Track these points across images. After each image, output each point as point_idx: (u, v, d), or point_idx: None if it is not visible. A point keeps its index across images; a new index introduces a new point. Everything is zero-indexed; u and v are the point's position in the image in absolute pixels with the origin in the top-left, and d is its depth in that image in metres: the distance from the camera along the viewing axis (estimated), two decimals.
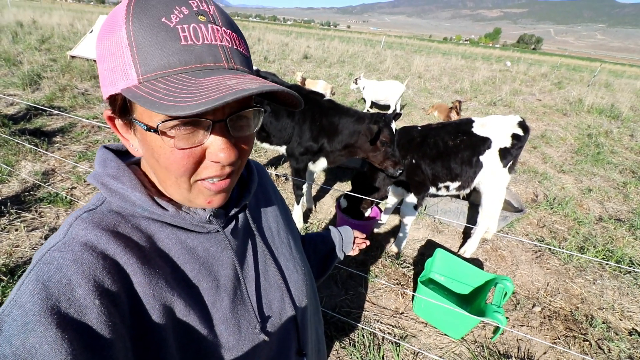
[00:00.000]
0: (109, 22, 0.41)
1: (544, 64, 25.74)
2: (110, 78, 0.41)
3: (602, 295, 2.68)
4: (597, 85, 15.09)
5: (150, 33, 0.38)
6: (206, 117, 0.41)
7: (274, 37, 21.25)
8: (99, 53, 0.43)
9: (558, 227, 3.61)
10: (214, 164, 0.45)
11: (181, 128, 0.41)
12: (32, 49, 9.03)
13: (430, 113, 7.41)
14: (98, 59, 0.43)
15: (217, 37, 0.41)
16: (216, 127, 0.43)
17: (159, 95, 0.36)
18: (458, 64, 18.20)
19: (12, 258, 2.33)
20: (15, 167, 3.40)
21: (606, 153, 6.04)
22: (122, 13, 0.39)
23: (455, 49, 43.41)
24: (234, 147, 0.45)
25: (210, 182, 0.47)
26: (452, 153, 2.62)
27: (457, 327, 2.14)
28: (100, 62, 0.43)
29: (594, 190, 4.52)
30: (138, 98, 0.37)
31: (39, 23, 14.95)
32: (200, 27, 0.40)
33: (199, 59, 0.39)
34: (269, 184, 0.77)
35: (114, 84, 0.41)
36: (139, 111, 0.42)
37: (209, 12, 0.42)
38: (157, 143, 0.43)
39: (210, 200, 0.50)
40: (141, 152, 0.48)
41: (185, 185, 0.47)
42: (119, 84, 0.40)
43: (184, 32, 0.39)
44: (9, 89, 5.86)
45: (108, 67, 0.41)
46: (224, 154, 0.43)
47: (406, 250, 3.02)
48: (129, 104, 0.43)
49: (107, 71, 0.41)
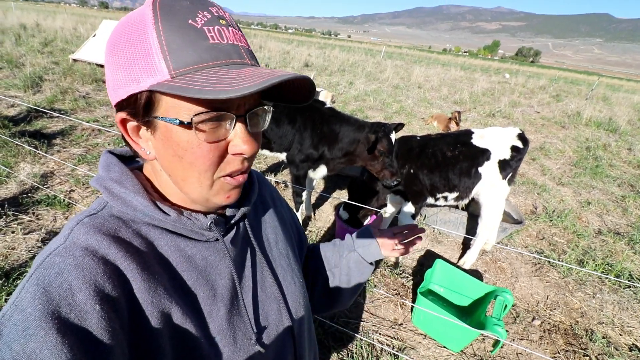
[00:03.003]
0: (129, 26, 0.42)
1: (543, 76, 26.05)
2: (131, 77, 0.42)
3: (601, 309, 2.66)
4: (595, 99, 15.23)
5: (180, 33, 0.41)
6: (232, 112, 0.44)
7: (276, 45, 21.44)
8: (116, 56, 0.43)
9: (557, 239, 3.60)
10: (236, 157, 0.48)
11: (208, 122, 0.43)
12: (34, 52, 9.07)
13: (430, 123, 7.45)
14: (114, 61, 0.44)
15: (236, 38, 0.45)
16: (238, 122, 0.46)
17: (200, 85, 0.38)
18: (457, 75, 18.37)
19: (8, 260, 2.30)
20: (14, 168, 3.38)
21: (605, 166, 6.07)
22: (148, 16, 0.41)
23: (455, 60, 43.89)
24: (255, 141, 0.48)
25: (233, 178, 0.50)
26: (451, 164, 2.62)
27: (456, 340, 2.12)
28: (117, 64, 0.43)
29: (592, 203, 4.52)
30: (176, 89, 0.39)
31: (42, 26, 15.07)
32: (222, 29, 0.43)
33: (227, 55, 0.43)
34: (269, 194, 0.77)
35: (136, 82, 0.42)
36: (163, 108, 0.43)
37: (227, 17, 0.46)
38: (184, 138, 0.44)
39: (229, 195, 0.51)
40: (154, 155, 0.48)
41: (207, 182, 0.48)
42: (145, 82, 0.41)
43: (210, 32, 0.42)
44: (10, 90, 5.87)
45: (129, 68, 0.42)
46: (247, 146, 0.46)
47: (405, 261, 3.00)
48: (152, 102, 0.43)
49: (126, 71, 0.42)
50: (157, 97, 0.42)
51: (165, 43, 0.40)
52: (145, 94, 0.42)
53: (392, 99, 9.75)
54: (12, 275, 2.18)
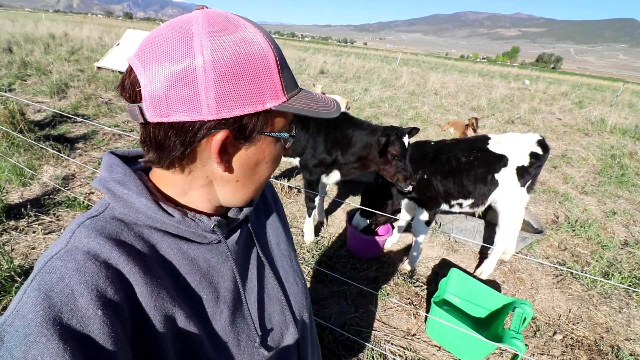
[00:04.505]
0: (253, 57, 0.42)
1: (564, 82, 25.37)
2: (257, 99, 0.43)
3: (629, 325, 2.52)
4: (620, 105, 14.69)
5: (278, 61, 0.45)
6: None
7: (292, 53, 21.74)
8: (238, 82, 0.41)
9: (580, 250, 3.45)
10: None
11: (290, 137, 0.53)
12: (61, 60, 9.50)
13: (446, 129, 7.34)
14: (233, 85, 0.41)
15: None
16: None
17: (306, 107, 0.47)
18: (475, 82, 18.10)
19: (28, 260, 2.38)
20: (38, 171, 3.51)
21: (631, 175, 5.81)
22: (263, 39, 0.44)
23: (472, 66, 43.34)
24: None
25: None
26: (465, 170, 2.56)
27: (472, 353, 2.04)
28: (239, 88, 0.41)
29: (618, 213, 4.32)
30: (293, 109, 0.46)
31: (70, 36, 15.78)
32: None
33: (294, 85, 0.49)
34: (271, 195, 0.77)
35: (262, 104, 0.44)
36: (276, 125, 0.49)
37: None
38: (278, 149, 0.52)
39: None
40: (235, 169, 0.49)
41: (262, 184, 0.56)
42: (267, 103, 0.44)
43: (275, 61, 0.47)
44: (38, 96, 6.14)
45: (257, 93, 0.43)
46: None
47: (419, 269, 2.93)
48: (267, 120, 0.47)
49: (253, 96, 0.43)
50: (272, 116, 0.47)
51: (279, 66, 0.45)
52: (262, 114, 0.45)
53: (407, 106, 9.68)
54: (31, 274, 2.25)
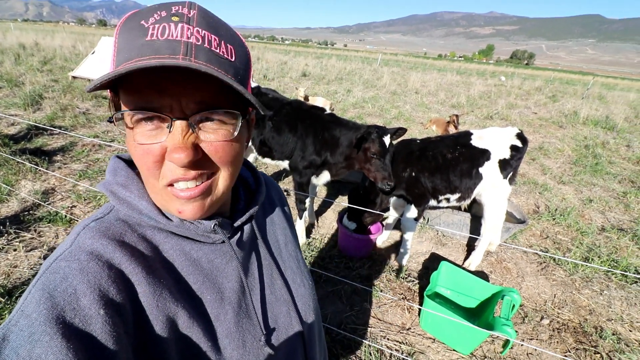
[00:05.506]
0: None
1: (538, 78, 26.23)
2: None
3: (609, 306, 2.64)
4: (591, 98, 15.32)
5: (126, 34, 0.41)
6: (165, 114, 0.41)
7: (273, 56, 21.66)
8: None
9: (561, 237, 3.59)
10: (175, 165, 0.43)
11: (143, 122, 0.42)
12: (34, 70, 9.17)
13: (429, 127, 7.48)
14: None
15: (184, 34, 0.40)
16: (176, 125, 0.42)
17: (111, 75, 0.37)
18: (454, 80, 18.51)
19: (10, 279, 2.29)
20: (15, 186, 3.38)
21: (604, 163, 6.08)
22: (118, 24, 0.43)
23: (450, 65, 44.28)
24: (193, 149, 0.43)
25: (179, 190, 0.46)
26: (451, 165, 2.63)
27: (466, 342, 2.09)
28: None
29: (594, 201, 4.52)
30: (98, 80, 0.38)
31: (41, 45, 15.24)
32: (169, 25, 0.40)
33: (155, 51, 0.39)
34: (278, 196, 0.77)
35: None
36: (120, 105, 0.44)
37: (187, 14, 0.41)
38: (129, 138, 0.44)
39: (181, 210, 0.47)
40: None
41: (155, 189, 0.47)
42: None
43: (153, 30, 0.40)
44: (11, 109, 5.91)
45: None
46: (177, 154, 0.41)
47: (410, 264, 2.99)
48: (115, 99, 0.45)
49: None
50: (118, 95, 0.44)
51: (117, 46, 0.42)
52: (111, 93, 0.45)
53: (390, 105, 9.81)
54: (15, 293, 2.17)
